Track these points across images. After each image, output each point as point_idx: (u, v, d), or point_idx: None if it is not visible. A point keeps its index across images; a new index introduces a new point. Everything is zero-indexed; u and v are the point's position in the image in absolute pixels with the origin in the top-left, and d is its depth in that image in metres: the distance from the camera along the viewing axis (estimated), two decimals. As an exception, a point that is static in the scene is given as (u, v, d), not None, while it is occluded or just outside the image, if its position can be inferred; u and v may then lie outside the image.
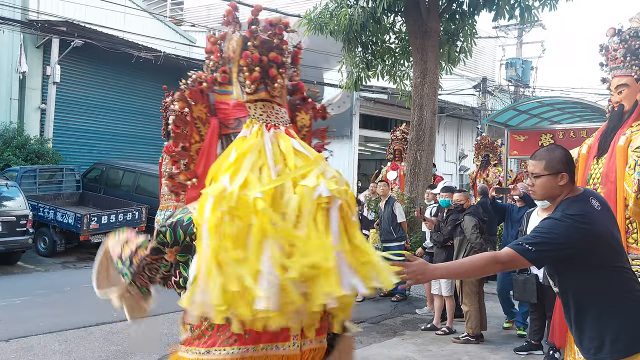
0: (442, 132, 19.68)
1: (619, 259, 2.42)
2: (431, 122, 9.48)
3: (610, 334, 2.30)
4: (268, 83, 2.06)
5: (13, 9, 13.15)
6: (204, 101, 2.13)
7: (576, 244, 2.32)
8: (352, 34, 9.63)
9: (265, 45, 2.04)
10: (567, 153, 2.58)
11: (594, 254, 2.33)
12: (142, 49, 14.19)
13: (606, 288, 2.35)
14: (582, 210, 2.40)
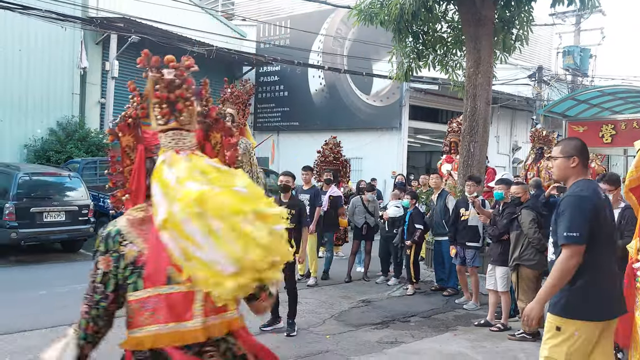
0: (495, 123, 19.12)
1: (603, 240, 2.99)
2: (485, 113, 9.22)
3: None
4: (177, 115, 2.46)
5: (74, 7, 13.71)
6: (130, 132, 2.65)
7: (593, 216, 2.94)
8: (403, 24, 9.47)
9: (171, 85, 2.47)
10: (582, 143, 3.17)
11: (597, 228, 2.95)
12: (195, 44, 14.50)
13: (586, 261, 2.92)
14: (594, 189, 3.08)
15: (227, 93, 9.83)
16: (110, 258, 2.14)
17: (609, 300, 3.03)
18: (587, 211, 2.95)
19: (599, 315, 2.97)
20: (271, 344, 5.42)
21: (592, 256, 2.94)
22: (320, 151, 11.14)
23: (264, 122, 21.20)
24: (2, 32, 13.39)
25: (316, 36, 19.29)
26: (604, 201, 3.12)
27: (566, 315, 2.96)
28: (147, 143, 2.62)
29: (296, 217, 5.98)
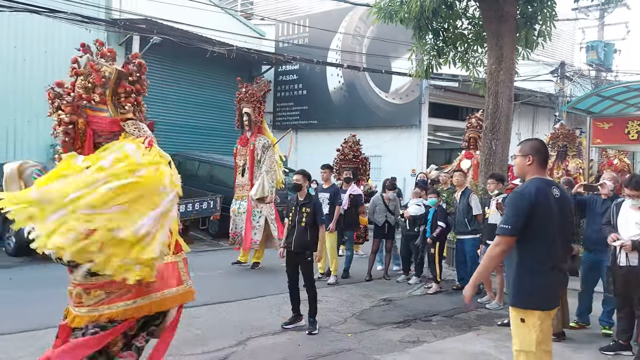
0: (516, 120, 18.86)
1: (544, 235, 3.23)
2: (507, 110, 9.13)
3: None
4: (136, 107, 2.85)
5: (97, 9, 13.93)
6: (80, 115, 2.83)
7: (529, 212, 3.21)
8: (423, 21, 9.41)
9: (137, 80, 2.85)
10: (540, 144, 3.44)
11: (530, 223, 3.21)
12: (216, 44, 14.62)
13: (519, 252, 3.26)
14: (536, 188, 3.27)
15: (242, 92, 9.89)
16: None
17: (553, 289, 3.35)
18: (523, 208, 3.24)
19: (548, 304, 3.31)
20: (293, 342, 5.48)
21: (531, 249, 3.26)
22: (339, 149, 11.15)
23: (283, 121, 21.26)
24: (29, 35, 13.67)
25: (335, 34, 19.28)
26: (552, 199, 3.32)
27: (525, 306, 3.27)
28: (98, 128, 2.88)
29: (311, 216, 6.00)
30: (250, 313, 6.55)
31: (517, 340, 3.32)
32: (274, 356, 5.08)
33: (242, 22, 19.39)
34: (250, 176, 9.59)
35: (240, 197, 9.70)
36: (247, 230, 9.27)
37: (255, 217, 9.34)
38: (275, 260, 8.54)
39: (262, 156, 9.62)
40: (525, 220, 3.21)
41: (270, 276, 8.70)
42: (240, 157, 9.83)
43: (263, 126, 10.15)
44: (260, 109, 9.97)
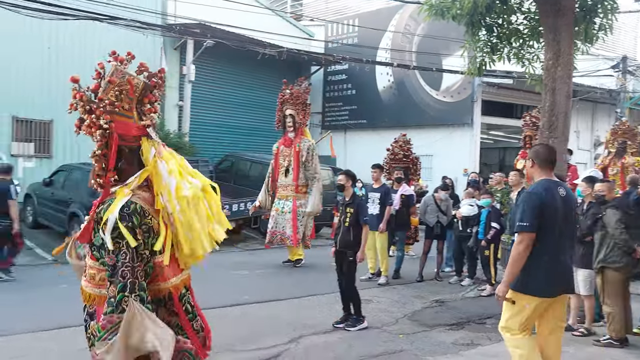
0: (574, 117, 18.14)
1: (550, 231, 3.58)
2: (565, 106, 8.80)
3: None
4: (153, 115, 3.13)
5: (154, 15, 14.43)
6: (113, 120, 3.07)
7: (540, 210, 3.56)
8: (476, 17, 9.21)
9: (159, 90, 3.21)
10: (541, 149, 3.84)
11: (543, 220, 3.56)
12: (267, 46, 14.85)
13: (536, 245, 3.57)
14: (544, 188, 3.65)
15: (286, 94, 10.00)
16: (142, 230, 2.72)
17: (551, 281, 3.63)
18: (536, 206, 3.60)
19: (543, 292, 3.62)
20: (345, 341, 5.51)
21: (539, 243, 3.60)
22: (389, 149, 11.08)
23: (332, 121, 21.34)
24: (90, 42, 14.33)
25: (384, 33, 19.17)
26: (559, 199, 3.67)
27: (517, 289, 3.64)
28: (124, 132, 3.13)
29: (354, 216, 6.03)
30: (301, 311, 6.62)
31: (504, 318, 3.76)
32: (326, 355, 5.12)
33: (291, 24, 19.60)
34: (294, 177, 9.75)
35: (284, 196, 9.85)
36: (294, 230, 9.49)
37: (299, 216, 9.61)
38: (326, 259, 8.59)
39: (307, 157, 9.74)
40: (541, 219, 3.58)
41: (321, 275, 8.76)
42: (283, 158, 9.96)
43: (304, 128, 10.27)
44: (305, 111, 10.10)
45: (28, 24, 12.68)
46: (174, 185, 2.95)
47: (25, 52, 13.27)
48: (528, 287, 3.62)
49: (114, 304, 2.65)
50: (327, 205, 13.23)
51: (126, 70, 3.18)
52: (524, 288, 3.63)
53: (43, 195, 11.20)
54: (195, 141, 15.99)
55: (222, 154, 15.66)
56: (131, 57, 3.26)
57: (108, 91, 3.09)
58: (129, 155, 3.08)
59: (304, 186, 9.86)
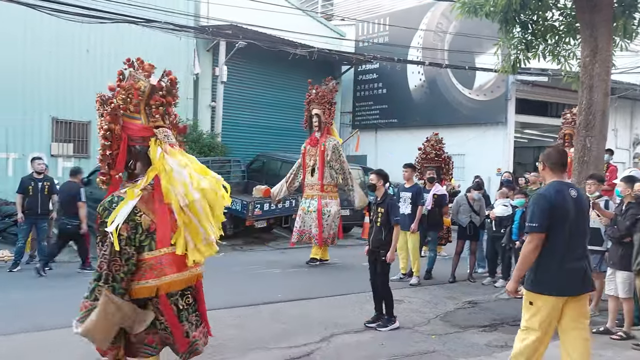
0: (612, 115, 17.67)
1: (562, 231, 3.67)
2: (603, 104, 8.58)
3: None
4: (165, 117, 3.30)
5: (187, 17, 14.69)
6: (117, 122, 3.28)
7: (550, 211, 3.67)
8: (510, 14, 9.07)
9: (168, 93, 3.33)
10: (551, 151, 3.93)
11: (554, 221, 3.67)
12: (298, 46, 14.93)
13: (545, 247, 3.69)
14: (555, 190, 3.75)
15: (312, 94, 10.06)
16: (129, 226, 2.87)
17: (563, 281, 3.69)
18: (546, 208, 3.70)
19: (556, 292, 3.69)
20: (376, 340, 5.51)
21: (550, 244, 3.71)
22: (421, 148, 11.00)
23: (362, 120, 21.29)
24: (126, 44, 14.67)
25: (416, 32, 19.02)
26: (570, 200, 3.75)
27: (532, 290, 3.77)
28: (131, 133, 3.34)
29: (385, 216, 6.02)
30: (333, 310, 6.65)
31: (524, 319, 3.84)
32: (358, 354, 5.13)
33: (322, 24, 19.65)
34: (320, 176, 9.78)
35: (310, 196, 9.91)
36: (320, 229, 9.55)
37: (325, 215, 9.65)
38: (358, 259, 8.61)
39: (332, 156, 9.76)
40: (550, 219, 3.68)
41: (352, 274, 8.78)
42: (309, 157, 10.03)
43: (332, 127, 10.27)
44: (330, 110, 10.12)
45: (68, 28, 13.08)
46: (187, 177, 3.11)
47: (64, 55, 13.69)
48: (541, 287, 3.73)
49: (89, 291, 3.06)
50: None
51: (138, 75, 3.42)
52: (538, 288, 3.74)
53: (82, 195, 11.51)
54: (228, 141, 16.20)
55: (253, 153, 15.83)
56: (140, 62, 3.55)
57: (117, 95, 3.36)
58: (139, 155, 3.30)
59: (330, 185, 9.89)
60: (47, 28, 13.10)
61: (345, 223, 13.65)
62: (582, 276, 3.77)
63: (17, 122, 13.19)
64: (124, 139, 3.26)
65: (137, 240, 2.91)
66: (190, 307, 3.28)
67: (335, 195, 9.99)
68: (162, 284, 3.02)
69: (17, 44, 13.07)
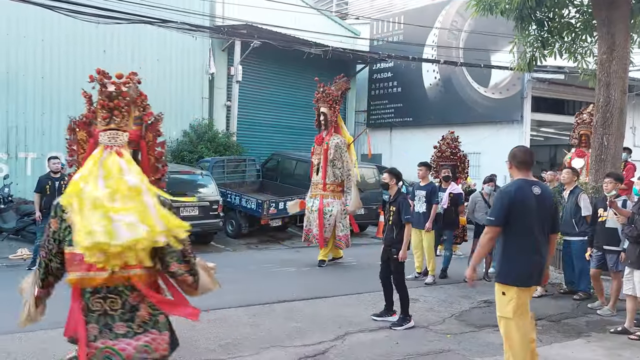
0: (630, 113, 17.41)
1: (523, 226, 3.98)
2: (620, 102, 8.49)
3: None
4: (114, 119, 3.21)
5: (202, 17, 14.81)
6: (85, 128, 3.49)
7: (511, 207, 3.97)
8: (526, 11, 9.01)
9: (110, 96, 3.23)
10: (516, 151, 4.20)
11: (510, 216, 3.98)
12: (312, 45, 14.96)
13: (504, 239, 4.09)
14: (516, 187, 4.06)
15: (319, 92, 9.96)
16: (57, 221, 2.99)
17: (528, 272, 4.02)
18: (504, 204, 4.01)
19: (522, 283, 4.02)
20: (391, 339, 5.52)
21: (513, 237, 4.02)
22: (437, 146, 10.95)
23: (377, 119, 21.26)
24: (143, 45, 14.85)
25: (430, 30, 18.93)
26: (532, 196, 4.00)
27: (502, 281, 4.07)
28: (96, 138, 3.43)
29: (396, 214, 6.03)
30: (347, 309, 6.67)
31: (498, 309, 4.13)
32: (373, 352, 5.15)
33: (337, 23, 19.66)
34: (323, 175, 9.62)
35: (313, 195, 9.79)
36: (320, 229, 9.40)
37: (326, 215, 9.45)
38: (372, 258, 8.61)
39: (335, 155, 9.62)
40: (507, 214, 3.97)
41: (367, 273, 8.78)
42: (315, 156, 9.91)
43: (340, 125, 10.07)
44: (335, 108, 9.91)
45: (85, 29, 13.27)
46: (77, 177, 3.21)
47: (81, 56, 13.88)
48: (510, 279, 4.03)
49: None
50: (372, 204, 13.24)
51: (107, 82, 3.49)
52: (507, 280, 4.04)
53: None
54: (243, 140, 16.30)
55: (268, 152, 15.90)
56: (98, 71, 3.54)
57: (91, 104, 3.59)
58: None
59: (333, 184, 9.65)
60: (64, 29, 13.29)
61: (360, 222, 13.67)
62: (540, 269, 4.11)
63: (36, 122, 13.41)
64: (90, 145, 3.43)
65: (60, 234, 3.03)
66: (117, 314, 2.95)
67: (340, 195, 9.73)
68: (70, 278, 3.03)
69: (35, 44, 13.28)
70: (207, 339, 5.35)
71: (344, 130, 10.21)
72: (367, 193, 13.17)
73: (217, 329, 5.67)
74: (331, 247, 9.72)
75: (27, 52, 13.19)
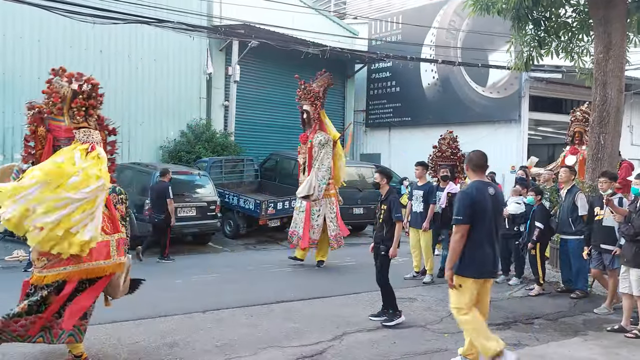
0: (627, 112, 17.44)
1: (481, 224, 4.40)
2: (617, 101, 8.51)
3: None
4: (88, 118, 3.73)
5: (200, 17, 14.80)
6: (42, 124, 3.78)
7: (471, 206, 4.37)
8: (523, 11, 9.03)
9: (89, 96, 3.75)
10: (472, 155, 4.63)
11: (474, 214, 4.39)
12: (310, 45, 14.95)
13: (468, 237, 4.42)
14: (475, 188, 4.50)
15: (300, 90, 9.79)
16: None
17: (484, 266, 4.41)
18: (468, 204, 4.39)
19: (478, 275, 4.42)
20: (388, 339, 5.52)
21: (472, 234, 4.38)
22: (436, 146, 10.89)
23: (376, 119, 21.27)
24: (140, 45, 14.83)
25: (428, 30, 18.95)
26: (488, 197, 4.44)
27: (460, 274, 4.42)
28: (56, 135, 3.76)
29: (387, 212, 6.07)
30: (345, 309, 6.68)
31: (453, 300, 4.50)
32: (370, 352, 5.15)
33: (335, 22, 19.66)
34: (309, 174, 9.38)
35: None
36: (306, 229, 9.16)
37: (313, 216, 9.23)
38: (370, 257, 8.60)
39: (319, 153, 9.40)
40: (471, 213, 4.35)
41: (365, 273, 8.76)
42: (301, 155, 9.70)
43: (324, 122, 9.76)
44: (317, 105, 9.61)
45: (82, 29, 13.25)
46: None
47: (78, 56, 13.86)
48: (467, 272, 4.39)
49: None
50: (371, 203, 13.24)
51: (61, 82, 3.85)
52: (465, 272, 4.40)
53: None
54: (241, 140, 16.29)
55: (266, 152, 15.89)
56: (62, 70, 4.03)
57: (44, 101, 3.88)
58: None
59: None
60: (60, 29, 13.27)
61: (360, 221, 13.68)
62: (493, 262, 4.55)
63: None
64: (49, 140, 3.74)
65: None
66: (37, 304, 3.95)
67: (329, 194, 9.47)
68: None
69: (31, 45, 13.25)
70: (204, 339, 5.34)
71: (329, 126, 9.83)
72: (366, 192, 13.18)
73: (215, 330, 5.66)
74: (326, 247, 9.53)
75: (24, 53, 13.15)
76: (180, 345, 5.17)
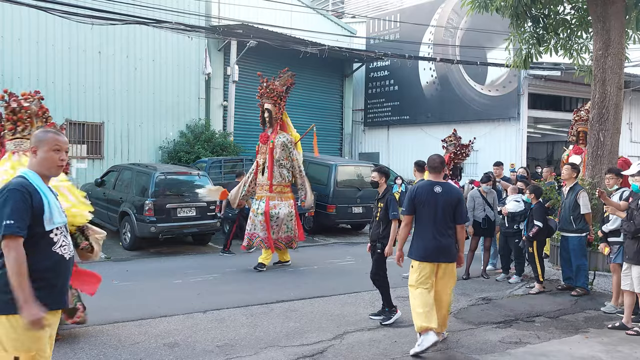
0: (627, 109, 17.49)
1: (423, 216, 5.18)
2: (616, 98, 8.50)
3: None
4: (20, 130, 4.29)
5: (198, 17, 14.78)
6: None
7: (412, 198, 5.23)
8: (521, 8, 9.03)
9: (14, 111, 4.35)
10: (430, 159, 5.29)
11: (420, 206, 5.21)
12: (308, 44, 14.94)
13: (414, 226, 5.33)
14: (418, 186, 5.34)
15: (262, 87, 9.48)
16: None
17: (427, 251, 5.15)
18: (410, 199, 5.23)
19: (422, 258, 5.14)
20: (389, 338, 5.51)
21: (416, 225, 5.21)
22: (448, 147, 10.70)
23: (374, 118, 21.26)
24: (138, 45, 14.81)
25: (427, 28, 18.94)
26: (432, 193, 5.12)
27: (410, 256, 5.25)
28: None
29: (383, 210, 6.07)
30: (345, 308, 6.67)
31: (409, 278, 5.23)
32: (371, 351, 5.14)
33: (333, 22, 19.65)
34: (269, 176, 9.08)
35: (259, 197, 9.19)
36: (268, 232, 8.95)
37: (273, 218, 9.00)
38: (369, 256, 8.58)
39: (281, 154, 9.15)
40: (413, 206, 5.19)
41: (364, 272, 8.76)
42: (260, 156, 9.37)
43: (286, 122, 9.56)
44: (280, 105, 9.38)
45: (80, 30, 13.23)
46: None
47: (77, 57, 13.85)
48: (414, 255, 5.20)
49: None
50: (370, 203, 13.22)
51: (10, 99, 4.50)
52: (412, 255, 5.22)
53: (95, 195, 11.66)
54: (240, 140, 16.28)
55: (265, 152, 15.87)
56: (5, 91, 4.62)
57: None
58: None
59: (280, 185, 9.15)
60: (58, 31, 13.25)
61: (359, 221, 13.67)
62: (442, 250, 5.12)
63: (32, 124, 13.36)
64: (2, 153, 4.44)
65: None
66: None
67: (287, 196, 9.23)
68: None
69: (29, 47, 13.23)
70: (204, 339, 5.33)
71: (290, 127, 9.62)
72: (365, 191, 13.16)
73: (215, 330, 5.65)
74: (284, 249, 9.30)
75: (22, 55, 13.14)
76: (180, 345, 5.16)
